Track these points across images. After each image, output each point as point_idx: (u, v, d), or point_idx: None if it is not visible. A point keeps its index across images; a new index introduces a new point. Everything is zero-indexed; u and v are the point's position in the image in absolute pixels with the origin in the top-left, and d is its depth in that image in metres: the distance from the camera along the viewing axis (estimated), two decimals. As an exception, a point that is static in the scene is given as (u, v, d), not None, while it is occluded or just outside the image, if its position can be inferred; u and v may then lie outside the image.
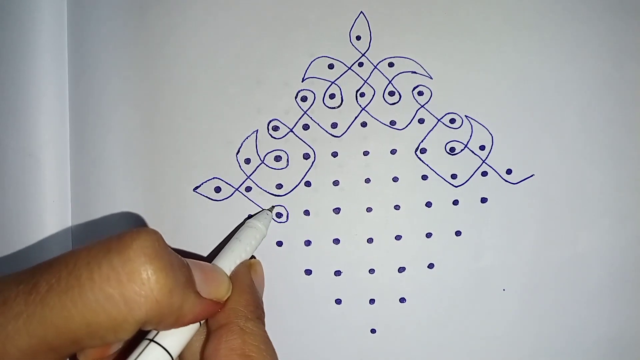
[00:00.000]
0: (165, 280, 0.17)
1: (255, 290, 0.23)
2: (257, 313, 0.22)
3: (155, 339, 0.19)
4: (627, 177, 0.28)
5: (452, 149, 0.28)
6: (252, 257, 0.25)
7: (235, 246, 0.24)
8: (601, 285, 0.28)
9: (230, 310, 0.21)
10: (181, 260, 0.19)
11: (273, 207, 0.28)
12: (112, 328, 0.17)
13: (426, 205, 0.28)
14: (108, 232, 0.28)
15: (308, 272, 0.28)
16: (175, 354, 0.20)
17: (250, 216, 0.27)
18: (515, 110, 0.28)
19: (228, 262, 0.24)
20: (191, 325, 0.20)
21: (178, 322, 0.19)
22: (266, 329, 0.22)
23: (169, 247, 0.19)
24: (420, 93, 0.28)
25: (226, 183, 0.28)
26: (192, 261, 0.21)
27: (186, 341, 0.20)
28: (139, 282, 0.17)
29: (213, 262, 0.24)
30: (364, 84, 0.29)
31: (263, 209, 0.28)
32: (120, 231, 0.18)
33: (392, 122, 0.28)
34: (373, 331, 0.28)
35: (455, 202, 0.28)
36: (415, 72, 0.29)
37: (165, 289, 0.17)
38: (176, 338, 0.20)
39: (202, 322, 0.21)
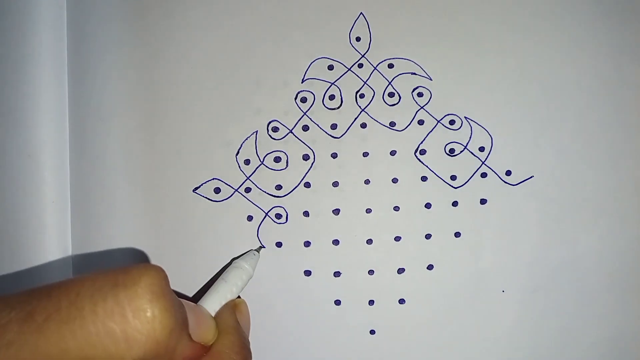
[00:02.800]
0: (169, 320, 0.17)
1: (240, 331, 0.23)
2: (243, 354, 0.22)
3: None
4: (626, 178, 0.28)
5: (452, 150, 0.28)
6: (238, 296, 0.25)
7: (220, 287, 0.24)
8: (600, 286, 0.28)
9: (215, 352, 0.21)
10: (179, 301, 0.19)
11: (260, 247, 0.28)
12: None
13: (425, 206, 0.28)
14: (108, 233, 0.28)
15: (307, 273, 0.28)
16: None
17: (235, 258, 0.27)
18: (515, 112, 0.28)
19: (213, 303, 0.23)
20: None
21: None
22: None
23: (170, 287, 0.19)
24: (420, 94, 0.28)
25: (226, 184, 0.28)
26: (185, 302, 0.20)
27: None
28: (144, 320, 0.17)
29: (199, 302, 0.23)
30: (363, 85, 0.29)
31: (250, 250, 0.28)
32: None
33: (392, 124, 0.28)
34: (372, 332, 0.28)
35: (455, 204, 0.28)
36: (414, 74, 0.29)
37: (167, 329, 0.17)
38: None
39: None
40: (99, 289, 0.17)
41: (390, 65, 0.29)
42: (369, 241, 0.28)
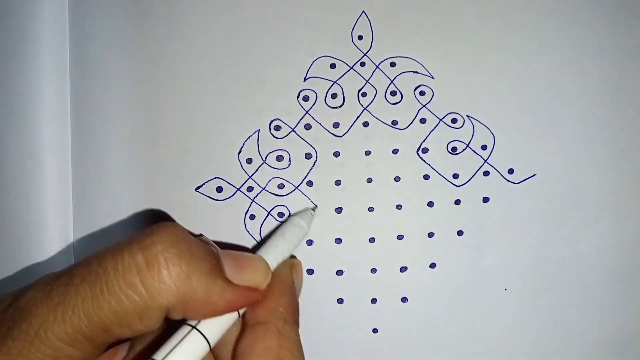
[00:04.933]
0: (182, 266, 0.18)
1: (295, 293, 0.23)
2: (295, 317, 0.22)
3: (195, 326, 0.19)
4: (628, 176, 0.28)
5: (454, 149, 0.28)
6: (293, 256, 0.25)
7: (279, 242, 0.24)
8: (602, 285, 0.28)
9: (269, 309, 0.21)
10: (206, 249, 0.19)
11: (315, 207, 0.28)
12: (138, 315, 0.18)
13: (428, 204, 0.28)
14: (111, 232, 0.28)
15: (310, 271, 0.28)
16: (212, 341, 0.19)
17: (292, 214, 0.27)
18: (517, 110, 0.28)
19: (270, 259, 0.23)
20: (229, 315, 0.20)
21: (209, 310, 0.19)
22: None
23: (192, 236, 0.19)
24: (422, 93, 0.28)
25: (228, 183, 0.28)
26: (225, 250, 0.21)
27: (224, 330, 0.20)
28: (157, 270, 0.18)
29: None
30: (365, 83, 0.29)
31: (308, 208, 0.27)
32: (125, 232, 0.19)
33: (394, 122, 0.28)
34: (375, 331, 0.28)
35: (457, 202, 0.28)
36: (417, 72, 0.29)
37: (183, 275, 0.18)
38: (214, 326, 0.20)
39: (240, 314, 0.21)
40: (119, 248, 0.18)
41: (393, 64, 0.29)
42: (372, 239, 0.28)
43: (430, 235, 0.28)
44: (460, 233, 0.28)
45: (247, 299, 0.20)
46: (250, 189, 0.28)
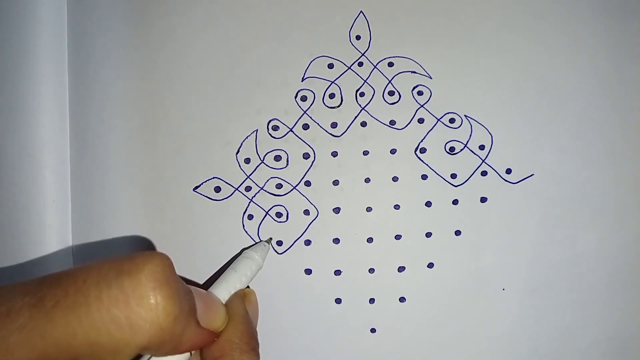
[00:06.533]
0: (172, 307, 0.17)
1: (249, 321, 0.23)
2: (252, 345, 0.22)
3: None
4: (626, 177, 0.28)
5: (452, 149, 0.28)
6: (247, 287, 0.25)
7: (230, 276, 0.24)
8: (600, 285, 0.28)
9: (225, 341, 0.21)
10: (186, 288, 0.19)
11: (270, 239, 0.28)
12: (113, 350, 0.17)
13: (426, 204, 0.28)
14: (109, 232, 0.28)
15: (308, 271, 0.28)
16: None
17: (245, 248, 0.27)
18: (515, 110, 0.28)
19: (222, 292, 0.23)
20: (184, 355, 0.20)
21: (175, 350, 0.19)
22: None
23: (176, 274, 0.19)
24: (420, 93, 0.28)
25: (226, 183, 0.28)
26: (195, 289, 0.20)
27: None
28: (147, 308, 0.17)
29: (208, 290, 0.23)
30: (363, 83, 0.29)
31: (261, 240, 0.28)
32: (129, 252, 0.18)
33: (392, 122, 0.28)
34: (373, 330, 0.28)
35: (455, 202, 0.28)
36: (414, 72, 0.29)
37: (171, 316, 0.17)
38: None
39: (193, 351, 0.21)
40: (105, 276, 0.17)
41: (390, 64, 0.29)
42: (370, 239, 0.28)
43: (428, 235, 0.28)
44: (458, 233, 0.28)
45: (207, 341, 0.21)
46: (248, 188, 0.28)
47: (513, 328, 0.28)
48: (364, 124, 0.28)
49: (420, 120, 0.28)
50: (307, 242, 0.28)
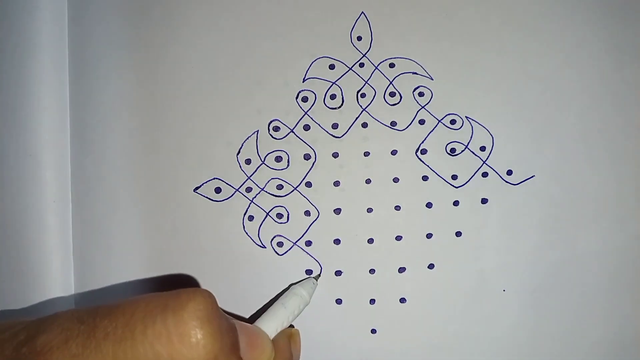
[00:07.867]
0: (213, 346, 0.18)
1: None
2: None
3: None
4: (626, 178, 0.28)
5: (453, 150, 0.28)
6: (291, 325, 0.25)
7: (279, 312, 0.24)
8: (601, 286, 0.28)
9: None
10: (230, 324, 0.20)
11: (319, 275, 0.28)
12: None
13: (427, 205, 0.28)
14: (109, 233, 0.28)
15: (309, 272, 0.28)
16: None
17: (293, 283, 0.27)
18: (516, 111, 0.28)
19: (269, 328, 0.23)
20: None
21: None
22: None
23: (220, 309, 0.19)
24: (421, 94, 0.28)
25: (227, 184, 0.28)
26: (239, 324, 0.21)
27: None
28: (188, 345, 0.17)
29: (255, 323, 0.23)
30: (364, 84, 0.29)
31: (310, 277, 0.28)
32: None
33: (393, 123, 0.28)
34: (373, 331, 0.28)
35: (456, 203, 0.28)
36: (416, 73, 0.29)
37: (211, 354, 0.18)
38: None
39: None
40: (150, 312, 0.18)
41: (392, 65, 0.29)
42: (370, 240, 0.28)
43: (429, 236, 0.28)
44: (458, 234, 0.28)
45: None
46: (249, 189, 0.28)
47: (513, 329, 0.28)
48: (365, 125, 0.28)
49: (421, 121, 0.28)
50: (308, 243, 0.28)
